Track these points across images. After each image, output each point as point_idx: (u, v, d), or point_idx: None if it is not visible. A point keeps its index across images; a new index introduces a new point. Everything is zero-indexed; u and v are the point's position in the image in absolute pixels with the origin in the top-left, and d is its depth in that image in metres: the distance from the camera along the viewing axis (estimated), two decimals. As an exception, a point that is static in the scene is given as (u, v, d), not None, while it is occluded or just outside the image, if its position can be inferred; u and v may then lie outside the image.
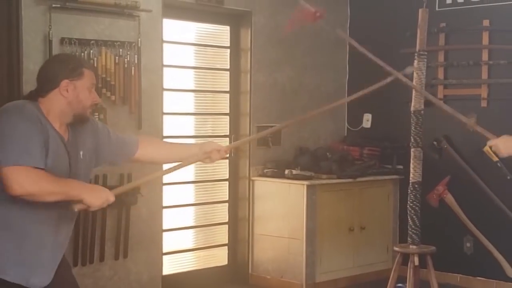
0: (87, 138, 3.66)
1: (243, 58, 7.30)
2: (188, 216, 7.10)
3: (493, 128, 6.88)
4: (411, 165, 6.00)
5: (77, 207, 3.39)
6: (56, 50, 5.72)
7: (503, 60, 6.95)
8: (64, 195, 3.36)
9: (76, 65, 3.52)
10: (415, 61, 6.02)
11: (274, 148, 7.34)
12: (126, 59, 6.14)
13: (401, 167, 7.40)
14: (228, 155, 7.16)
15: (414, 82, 6.07)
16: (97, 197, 3.40)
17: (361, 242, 7.35)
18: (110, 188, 3.65)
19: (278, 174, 7.10)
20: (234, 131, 7.31)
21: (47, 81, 3.50)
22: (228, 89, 7.29)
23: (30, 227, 3.42)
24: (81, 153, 3.60)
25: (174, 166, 4.00)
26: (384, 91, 7.54)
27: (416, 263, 5.89)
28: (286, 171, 7.05)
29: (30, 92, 3.54)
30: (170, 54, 6.69)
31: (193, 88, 7.10)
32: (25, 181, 3.27)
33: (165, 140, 3.92)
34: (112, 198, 3.46)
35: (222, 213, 7.33)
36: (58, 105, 3.48)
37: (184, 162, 4.02)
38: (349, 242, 7.24)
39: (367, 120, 7.89)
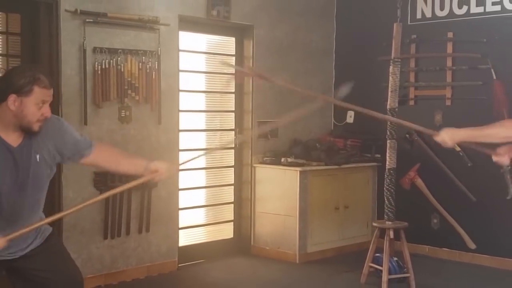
0: (46, 142, 3.44)
1: (246, 64, 7.25)
2: (200, 197, 7.08)
3: (456, 122, 6.86)
4: (387, 154, 6.02)
5: None
6: (89, 57, 5.73)
7: (465, 66, 6.93)
8: None
9: (27, 82, 3.25)
10: (391, 67, 6.01)
11: (272, 140, 7.32)
12: (148, 65, 6.11)
13: (378, 155, 7.41)
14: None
15: (390, 85, 6.07)
16: None
17: (345, 218, 7.33)
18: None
19: (276, 161, 7.09)
20: (239, 126, 7.28)
21: None
22: (233, 90, 7.26)
23: None
24: (37, 156, 3.39)
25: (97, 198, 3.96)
26: (364, 92, 7.58)
27: (391, 236, 5.94)
28: (282, 159, 7.05)
29: None
30: (185, 61, 6.66)
31: (204, 89, 7.06)
32: None
33: (118, 151, 3.71)
34: (5, 244, 3.20)
35: (229, 194, 7.31)
36: (5, 116, 3.28)
37: (129, 184, 3.74)
38: (335, 219, 7.22)
39: (350, 117, 7.86)
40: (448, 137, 4.34)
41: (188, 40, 6.73)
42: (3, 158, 3.29)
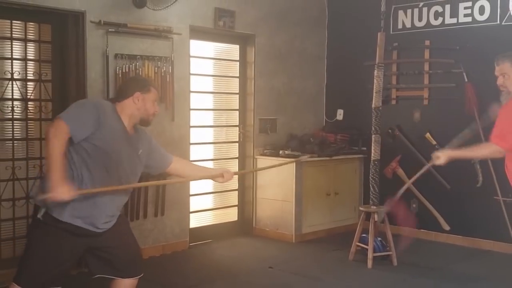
0: (144, 143, 3.70)
1: (249, 68, 7.26)
2: (208, 185, 7.06)
3: (432, 120, 7.00)
4: (372, 147, 6.04)
5: (40, 196, 3.27)
6: (111, 63, 5.74)
7: (440, 70, 6.93)
8: (47, 166, 3.30)
9: (146, 83, 3.64)
10: (375, 71, 6.02)
11: (271, 134, 7.33)
12: (163, 69, 6.12)
13: (364, 148, 7.40)
14: (238, 141, 7.21)
15: (374, 87, 6.08)
16: (61, 190, 3.23)
17: (335, 203, 7.34)
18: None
19: (275, 153, 7.09)
20: (242, 122, 7.29)
21: (125, 91, 3.60)
22: (237, 91, 7.25)
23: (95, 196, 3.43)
24: (140, 151, 3.64)
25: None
26: (352, 93, 7.63)
27: (376, 219, 5.93)
28: (280, 152, 7.05)
29: (111, 98, 3.64)
30: (195, 66, 6.65)
31: (212, 90, 7.06)
32: (52, 128, 3.30)
33: (191, 162, 4.07)
34: (71, 194, 3.26)
35: (233, 182, 7.28)
36: (130, 109, 3.56)
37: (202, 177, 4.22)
38: (326, 204, 7.23)
39: (339, 114, 7.87)
40: (443, 157, 4.46)
41: (198, 47, 6.74)
42: (124, 138, 3.53)
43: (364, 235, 6.06)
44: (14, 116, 5.38)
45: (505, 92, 4.39)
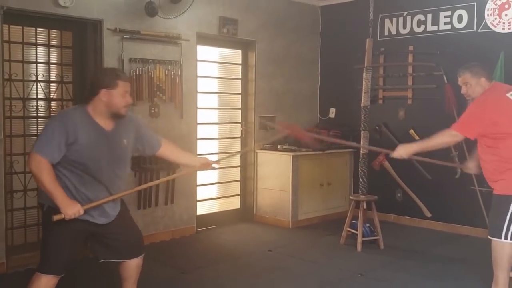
0: (130, 131, 3.55)
1: (250, 71, 7.27)
2: (213, 176, 7.09)
3: (415, 117, 7.03)
4: (361, 142, 6.03)
5: (55, 218, 3.26)
6: (126, 66, 5.75)
7: (422, 73, 6.94)
8: (50, 195, 3.27)
9: (112, 78, 3.40)
10: (364, 73, 6.03)
11: (270, 131, 7.31)
12: (172, 72, 6.13)
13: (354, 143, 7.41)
14: (241, 135, 7.22)
15: (363, 88, 6.07)
16: (70, 210, 3.26)
17: (328, 193, 7.35)
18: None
19: (273, 148, 7.10)
20: (244, 120, 7.29)
21: (91, 90, 3.42)
22: (240, 92, 7.26)
23: (87, 189, 3.39)
24: (124, 141, 3.50)
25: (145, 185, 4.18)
26: (343, 93, 7.66)
27: (365, 207, 5.96)
28: (279, 146, 7.06)
29: (85, 97, 3.48)
30: (201, 69, 6.67)
31: (217, 91, 7.07)
32: (33, 165, 3.26)
33: (178, 149, 3.90)
34: (82, 212, 3.31)
35: (236, 174, 7.33)
36: (99, 106, 3.39)
37: (183, 173, 4.13)
38: (320, 193, 7.25)
39: (332, 112, 7.87)
40: (403, 152, 4.49)
41: (204, 52, 6.74)
42: (100, 137, 3.38)
43: (354, 221, 6.08)
44: (39, 114, 5.43)
45: (470, 99, 4.46)
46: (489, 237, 4.27)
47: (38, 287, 3.44)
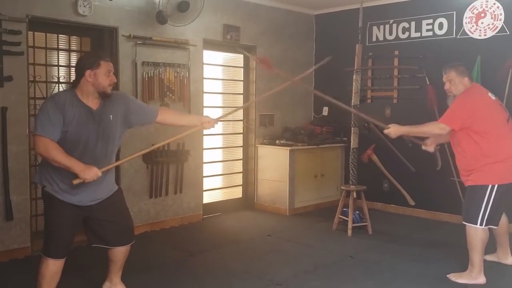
0: (117, 107, 3.43)
1: (251, 73, 7.24)
2: (218, 168, 7.08)
3: (400, 116, 6.98)
4: (351, 137, 6.04)
5: (75, 181, 3.21)
6: (139, 69, 5.72)
7: (407, 75, 6.91)
8: (66, 167, 3.20)
9: (95, 59, 3.32)
10: (354, 76, 6.01)
11: (269, 127, 7.32)
12: (181, 74, 6.11)
13: (345, 138, 7.40)
14: (243, 129, 7.19)
15: (353, 88, 6.06)
16: (88, 173, 3.20)
17: (321, 183, 7.33)
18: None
19: (272, 143, 7.09)
20: (246, 117, 7.27)
21: (78, 73, 3.34)
22: (242, 92, 7.23)
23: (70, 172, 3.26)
24: (110, 116, 3.38)
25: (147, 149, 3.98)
26: (335, 93, 7.49)
27: (354, 196, 5.95)
28: (277, 141, 7.05)
29: (73, 81, 3.39)
30: (207, 71, 6.64)
31: (221, 91, 7.04)
32: (40, 147, 3.18)
33: (176, 112, 3.75)
34: (100, 174, 3.25)
35: (239, 166, 7.31)
36: (86, 87, 3.31)
37: (186, 131, 3.82)
38: (314, 184, 7.23)
39: (325, 111, 7.85)
40: (393, 131, 4.48)
41: (210, 56, 6.72)
42: (88, 117, 3.30)
43: (345, 209, 6.06)
44: (60, 112, 5.39)
45: (451, 96, 4.43)
46: (464, 223, 4.24)
47: (46, 268, 3.41)
